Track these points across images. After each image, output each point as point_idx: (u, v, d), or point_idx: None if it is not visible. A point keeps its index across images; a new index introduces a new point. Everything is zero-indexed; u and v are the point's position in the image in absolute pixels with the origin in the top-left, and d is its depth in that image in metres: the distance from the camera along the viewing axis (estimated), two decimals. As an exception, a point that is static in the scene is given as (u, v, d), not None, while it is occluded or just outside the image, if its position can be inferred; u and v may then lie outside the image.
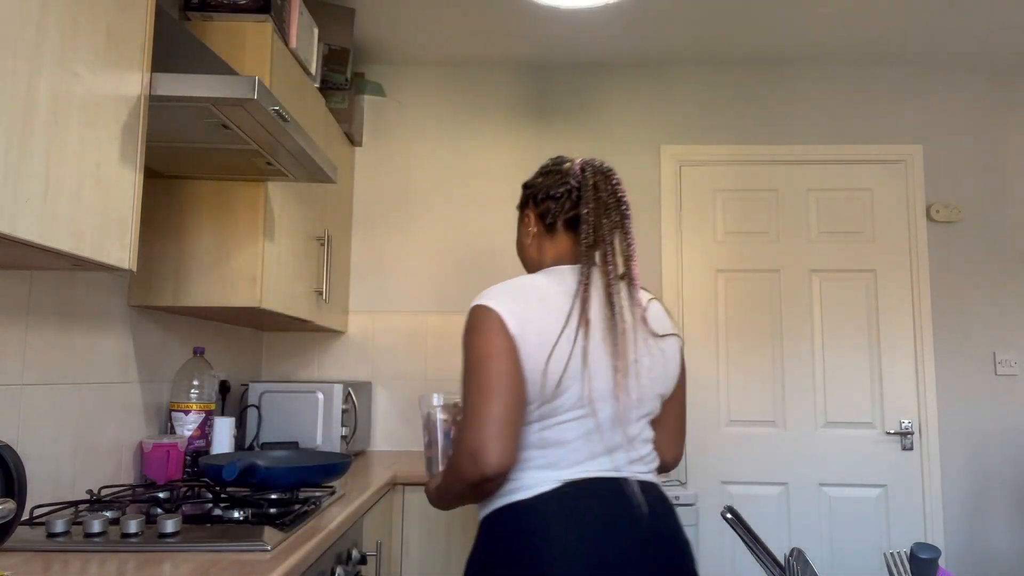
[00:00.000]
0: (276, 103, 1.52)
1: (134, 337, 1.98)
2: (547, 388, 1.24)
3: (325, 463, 1.78)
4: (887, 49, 3.08)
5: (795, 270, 3.12)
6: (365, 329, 3.12)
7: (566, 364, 1.24)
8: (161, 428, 2.13)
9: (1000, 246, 3.11)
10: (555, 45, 3.07)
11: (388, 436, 3.06)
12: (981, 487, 2.99)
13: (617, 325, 1.29)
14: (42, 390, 1.60)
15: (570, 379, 1.25)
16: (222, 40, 2.00)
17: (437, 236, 3.17)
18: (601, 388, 1.27)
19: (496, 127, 3.23)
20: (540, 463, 1.26)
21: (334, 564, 1.62)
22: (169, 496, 1.68)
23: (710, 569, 2.96)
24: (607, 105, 3.23)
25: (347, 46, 2.68)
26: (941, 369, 3.05)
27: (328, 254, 2.58)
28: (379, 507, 2.19)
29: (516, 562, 1.20)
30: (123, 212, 1.32)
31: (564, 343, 1.25)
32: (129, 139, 1.34)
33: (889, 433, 3.02)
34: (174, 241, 2.00)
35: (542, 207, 1.46)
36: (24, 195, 1.05)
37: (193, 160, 1.82)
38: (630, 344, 1.31)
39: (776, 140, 3.19)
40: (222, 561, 1.23)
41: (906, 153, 3.16)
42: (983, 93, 3.21)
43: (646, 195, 3.17)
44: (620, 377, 1.28)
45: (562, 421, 1.26)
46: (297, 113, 2.26)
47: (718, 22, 2.87)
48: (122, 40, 1.32)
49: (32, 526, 1.44)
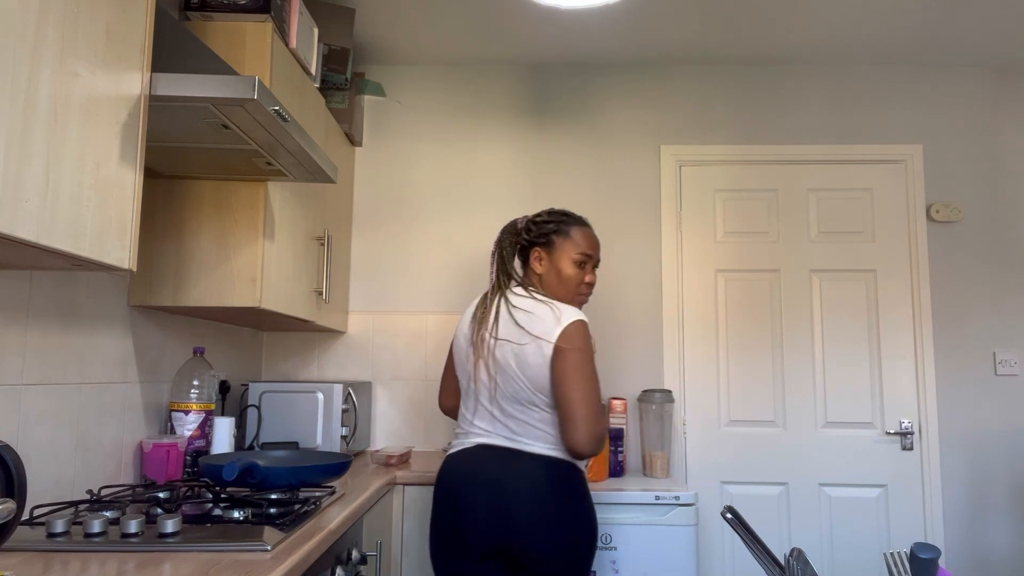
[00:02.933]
0: (276, 103, 1.52)
1: (134, 337, 1.98)
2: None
3: (325, 463, 1.79)
4: (887, 49, 3.08)
5: (795, 270, 3.12)
6: (365, 329, 3.12)
7: None
8: (161, 428, 2.13)
9: (1000, 246, 3.11)
10: (555, 45, 3.07)
11: (388, 436, 3.06)
12: (981, 487, 2.99)
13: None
14: (42, 390, 1.60)
15: None
16: (222, 40, 2.00)
17: (437, 236, 3.17)
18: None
19: (496, 127, 3.23)
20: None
21: (334, 564, 1.62)
22: (169, 496, 1.68)
23: (710, 569, 2.96)
24: (607, 105, 3.23)
25: (347, 46, 2.68)
26: (941, 369, 3.05)
27: (328, 254, 2.58)
28: (379, 507, 2.19)
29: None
30: (123, 212, 1.32)
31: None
32: (129, 139, 1.34)
33: (889, 433, 3.02)
34: (174, 241, 2.00)
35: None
36: (24, 195, 1.05)
37: (193, 160, 1.82)
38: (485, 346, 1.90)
39: (776, 140, 3.19)
40: (222, 561, 1.23)
41: (906, 153, 3.16)
42: (983, 93, 3.21)
43: (646, 195, 3.17)
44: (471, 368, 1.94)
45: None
46: (297, 113, 2.26)
47: (718, 22, 2.87)
48: (122, 40, 1.32)
49: (32, 526, 1.44)
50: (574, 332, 1.81)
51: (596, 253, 2.03)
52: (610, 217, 3.16)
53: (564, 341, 1.79)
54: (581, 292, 2.01)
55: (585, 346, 1.80)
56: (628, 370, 3.07)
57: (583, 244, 2.00)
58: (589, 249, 2.00)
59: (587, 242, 2.01)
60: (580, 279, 1.99)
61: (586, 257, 1.99)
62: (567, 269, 1.98)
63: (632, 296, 3.11)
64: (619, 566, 2.35)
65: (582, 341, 1.80)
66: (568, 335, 1.80)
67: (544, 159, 3.20)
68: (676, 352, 3.07)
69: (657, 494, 2.39)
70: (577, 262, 1.98)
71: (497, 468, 1.80)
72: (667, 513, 2.35)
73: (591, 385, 1.77)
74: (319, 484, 1.85)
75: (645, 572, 2.35)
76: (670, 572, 2.32)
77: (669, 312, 3.09)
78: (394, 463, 2.54)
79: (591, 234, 2.03)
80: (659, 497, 2.38)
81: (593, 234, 2.04)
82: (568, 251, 1.98)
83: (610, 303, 3.11)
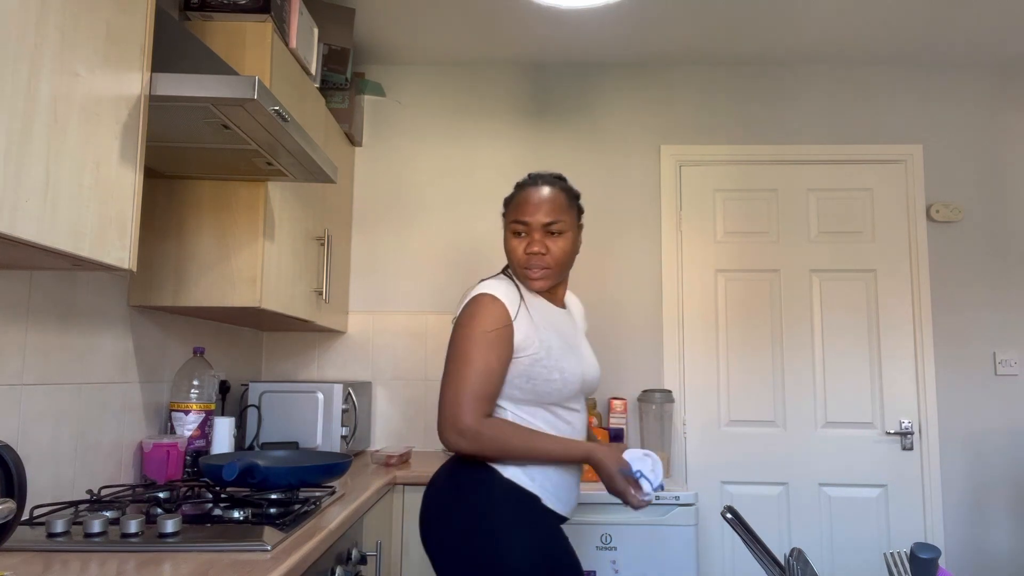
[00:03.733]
0: (276, 103, 1.52)
1: (134, 337, 1.98)
2: None
3: (325, 463, 1.78)
4: (887, 49, 3.08)
5: (795, 270, 3.12)
6: (365, 329, 3.12)
7: None
8: (161, 428, 2.13)
9: (1000, 246, 3.11)
10: (555, 45, 3.07)
11: (388, 436, 3.06)
12: (981, 487, 2.99)
13: None
14: (42, 390, 1.60)
15: None
16: (222, 40, 2.00)
17: (437, 236, 3.17)
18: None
19: (496, 127, 3.23)
20: None
21: (334, 564, 1.62)
22: (169, 496, 1.68)
23: (710, 569, 2.96)
24: (607, 105, 3.23)
25: (347, 46, 2.68)
26: (941, 369, 3.05)
27: (328, 254, 2.58)
28: (379, 507, 2.19)
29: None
30: (123, 212, 1.32)
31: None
32: (129, 139, 1.34)
33: (889, 433, 3.02)
34: (174, 241, 2.00)
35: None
36: (24, 195, 1.05)
37: (193, 160, 1.82)
38: None
39: (776, 140, 3.19)
40: (222, 561, 1.23)
41: (906, 153, 3.16)
42: (983, 93, 3.21)
43: (646, 195, 3.18)
44: None
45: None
46: (297, 113, 2.26)
47: (718, 22, 2.87)
48: (122, 40, 1.32)
49: (32, 526, 1.44)
50: (465, 309, 1.61)
51: (536, 216, 1.64)
52: (610, 217, 3.16)
53: (456, 320, 1.63)
54: (523, 265, 1.66)
55: (468, 322, 1.58)
56: (628, 370, 3.07)
57: (516, 210, 1.67)
58: (523, 215, 1.65)
59: (521, 207, 1.66)
60: (520, 250, 1.65)
61: (520, 225, 1.65)
62: (507, 243, 1.69)
63: (632, 296, 3.11)
64: (619, 566, 2.35)
65: (466, 317, 1.59)
66: (460, 313, 1.63)
67: (544, 159, 3.20)
68: (676, 352, 3.07)
69: (657, 494, 2.39)
70: (514, 231, 1.67)
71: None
72: (667, 513, 2.36)
73: (458, 366, 1.55)
74: (319, 484, 1.84)
75: (645, 572, 2.35)
76: (670, 572, 2.32)
77: (669, 312, 3.09)
78: (394, 463, 2.54)
79: (534, 195, 1.65)
80: (659, 497, 2.39)
81: (539, 194, 1.65)
82: (506, 222, 1.71)
83: (610, 303, 3.11)
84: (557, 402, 1.64)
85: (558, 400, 1.64)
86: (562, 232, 1.65)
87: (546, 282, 1.67)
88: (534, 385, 1.61)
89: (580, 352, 1.70)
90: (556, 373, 1.61)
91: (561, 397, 1.64)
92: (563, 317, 1.74)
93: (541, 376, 1.60)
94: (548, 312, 1.70)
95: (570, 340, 1.69)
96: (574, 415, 1.69)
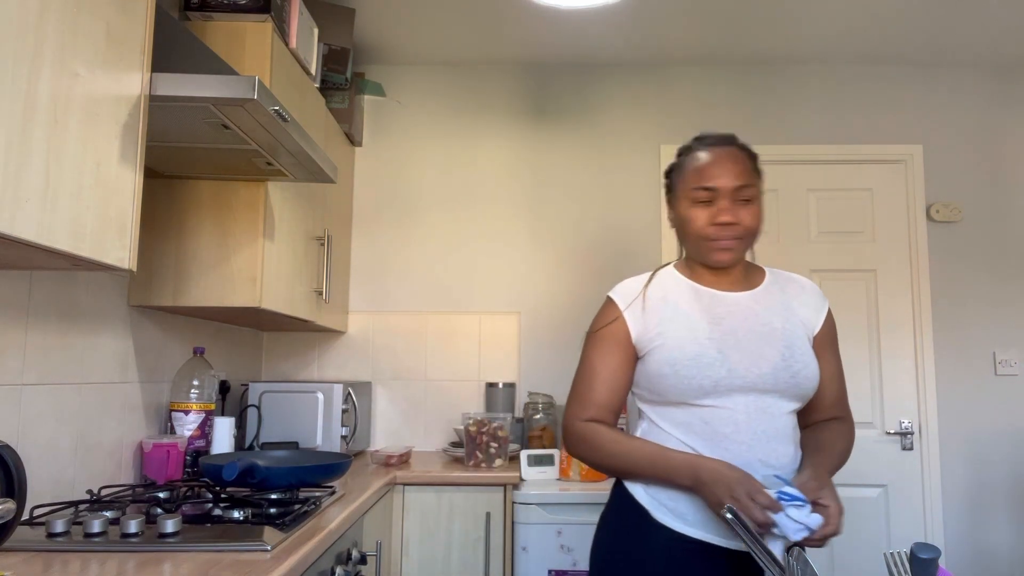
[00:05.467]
0: (276, 103, 1.52)
1: (134, 337, 1.98)
2: None
3: (325, 463, 1.78)
4: (887, 49, 3.08)
5: (795, 270, 3.12)
6: (365, 329, 3.12)
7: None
8: (161, 428, 2.13)
9: (1000, 246, 3.11)
10: (555, 45, 3.07)
11: (388, 436, 3.06)
12: (981, 487, 2.99)
13: None
14: (42, 390, 1.60)
15: None
16: (222, 40, 2.00)
17: (437, 236, 3.17)
18: None
19: (496, 127, 3.23)
20: None
21: (334, 564, 1.62)
22: (169, 496, 1.68)
23: (710, 569, 2.96)
24: (607, 105, 3.23)
25: (347, 46, 2.68)
26: (941, 369, 3.05)
27: (328, 254, 2.58)
28: (379, 507, 2.19)
29: None
30: (123, 212, 1.32)
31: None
32: (129, 139, 1.34)
33: (889, 433, 3.02)
34: (174, 241, 2.00)
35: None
36: (24, 195, 1.05)
37: (193, 160, 1.82)
38: None
39: (776, 140, 3.19)
40: (222, 561, 1.23)
41: (906, 153, 3.16)
42: (983, 93, 3.21)
43: (646, 195, 3.17)
44: None
45: None
46: (297, 113, 2.26)
47: (718, 22, 2.87)
48: (122, 40, 1.32)
49: (32, 526, 1.44)
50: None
51: (726, 180, 1.40)
52: (610, 217, 3.16)
53: None
54: (710, 237, 1.42)
55: (592, 325, 1.51)
56: (628, 370, 3.07)
57: (698, 175, 1.43)
58: (709, 179, 1.41)
59: (705, 172, 1.42)
60: (704, 221, 1.42)
61: (705, 191, 1.41)
62: (687, 210, 1.44)
63: (632, 296, 3.11)
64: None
65: (594, 321, 1.52)
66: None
67: (544, 159, 3.20)
68: (676, 352, 3.07)
69: None
70: (696, 199, 1.43)
71: None
72: (667, 513, 2.35)
73: (579, 369, 1.49)
74: (319, 484, 1.84)
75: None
76: (670, 572, 2.31)
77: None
78: (394, 463, 2.54)
79: (721, 156, 1.43)
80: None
81: (727, 155, 1.43)
82: (683, 191, 1.46)
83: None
84: (685, 400, 1.38)
85: (683, 398, 1.37)
86: (752, 199, 1.42)
87: (733, 255, 1.42)
88: (651, 383, 1.41)
89: (725, 343, 1.39)
90: (667, 367, 1.38)
91: (685, 394, 1.37)
92: (728, 303, 1.45)
93: (653, 371, 1.40)
94: (692, 298, 1.45)
95: (715, 328, 1.41)
96: (718, 414, 1.36)
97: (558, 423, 2.97)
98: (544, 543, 2.37)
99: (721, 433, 1.36)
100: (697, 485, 1.28)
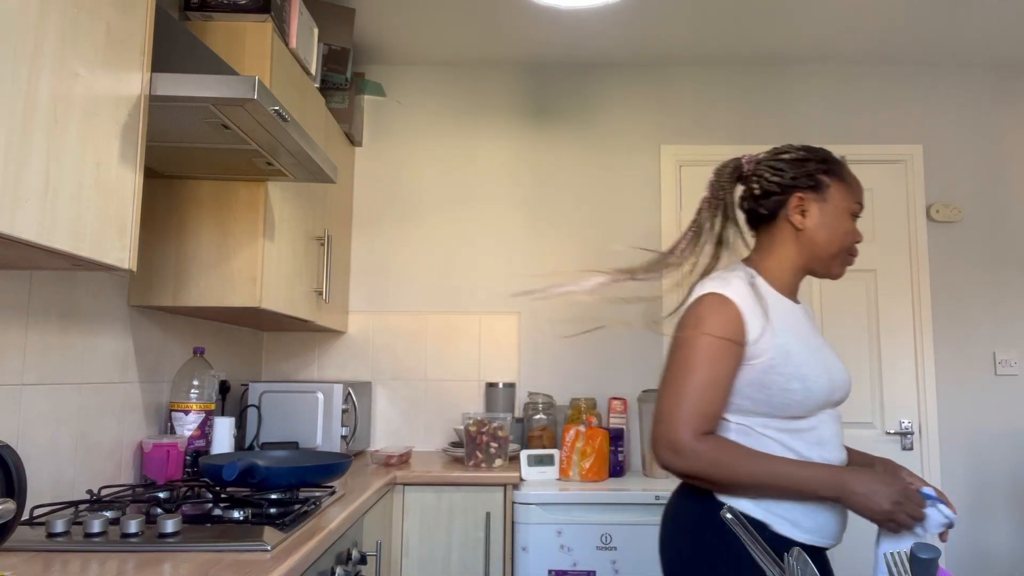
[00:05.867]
0: (276, 103, 1.52)
1: (134, 337, 1.98)
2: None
3: (325, 463, 1.79)
4: (887, 49, 3.08)
5: (795, 270, 3.12)
6: (365, 329, 3.12)
7: None
8: (161, 428, 2.13)
9: (1000, 246, 3.11)
10: (555, 45, 3.07)
11: (388, 436, 3.06)
12: (981, 487, 2.99)
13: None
14: (42, 390, 1.60)
15: None
16: (222, 40, 2.00)
17: (437, 236, 3.17)
18: None
19: (496, 127, 3.23)
20: None
21: (334, 564, 1.62)
22: (169, 496, 1.68)
23: (710, 569, 2.96)
24: (607, 105, 3.23)
25: (347, 46, 2.68)
26: (941, 369, 3.05)
27: (328, 254, 2.58)
28: (379, 507, 2.19)
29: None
30: (123, 212, 1.32)
31: None
32: (129, 139, 1.34)
33: (889, 433, 3.02)
34: (174, 241, 2.00)
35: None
36: (24, 195, 1.05)
37: (193, 160, 1.82)
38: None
39: (776, 140, 3.19)
40: (222, 561, 1.23)
41: (906, 153, 3.16)
42: (983, 93, 3.21)
43: (646, 195, 3.17)
44: None
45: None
46: (297, 113, 2.26)
47: (718, 22, 2.87)
48: (122, 40, 1.32)
49: (32, 526, 1.44)
50: (690, 310, 1.40)
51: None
52: (610, 217, 3.16)
53: (679, 323, 1.42)
54: (853, 252, 1.52)
55: (694, 324, 1.36)
56: (628, 370, 3.07)
57: (858, 191, 1.51)
58: (862, 198, 1.52)
59: (860, 190, 1.52)
60: (856, 236, 1.50)
61: (860, 207, 1.51)
62: (845, 223, 1.47)
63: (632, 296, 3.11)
64: (619, 566, 2.35)
65: (692, 319, 1.38)
66: (685, 314, 1.42)
67: (544, 159, 3.20)
68: (676, 352, 3.07)
69: (657, 494, 2.39)
70: (854, 213, 1.49)
71: None
72: (667, 513, 2.35)
73: (679, 375, 1.35)
74: (319, 484, 1.85)
75: (645, 572, 2.35)
76: (670, 572, 2.32)
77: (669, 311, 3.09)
78: (394, 463, 2.54)
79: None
80: (659, 497, 2.38)
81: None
82: (846, 199, 1.48)
83: (610, 303, 3.11)
84: (796, 415, 1.36)
85: (797, 412, 1.36)
86: None
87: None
88: (769, 395, 1.35)
89: (823, 354, 1.42)
90: (796, 382, 1.34)
91: (802, 409, 1.36)
92: (801, 314, 1.48)
93: (777, 385, 1.34)
94: (787, 310, 1.44)
95: (811, 340, 1.43)
96: (816, 428, 1.39)
97: (558, 423, 2.98)
98: (544, 543, 2.37)
99: (822, 441, 1.39)
100: (846, 495, 1.26)
